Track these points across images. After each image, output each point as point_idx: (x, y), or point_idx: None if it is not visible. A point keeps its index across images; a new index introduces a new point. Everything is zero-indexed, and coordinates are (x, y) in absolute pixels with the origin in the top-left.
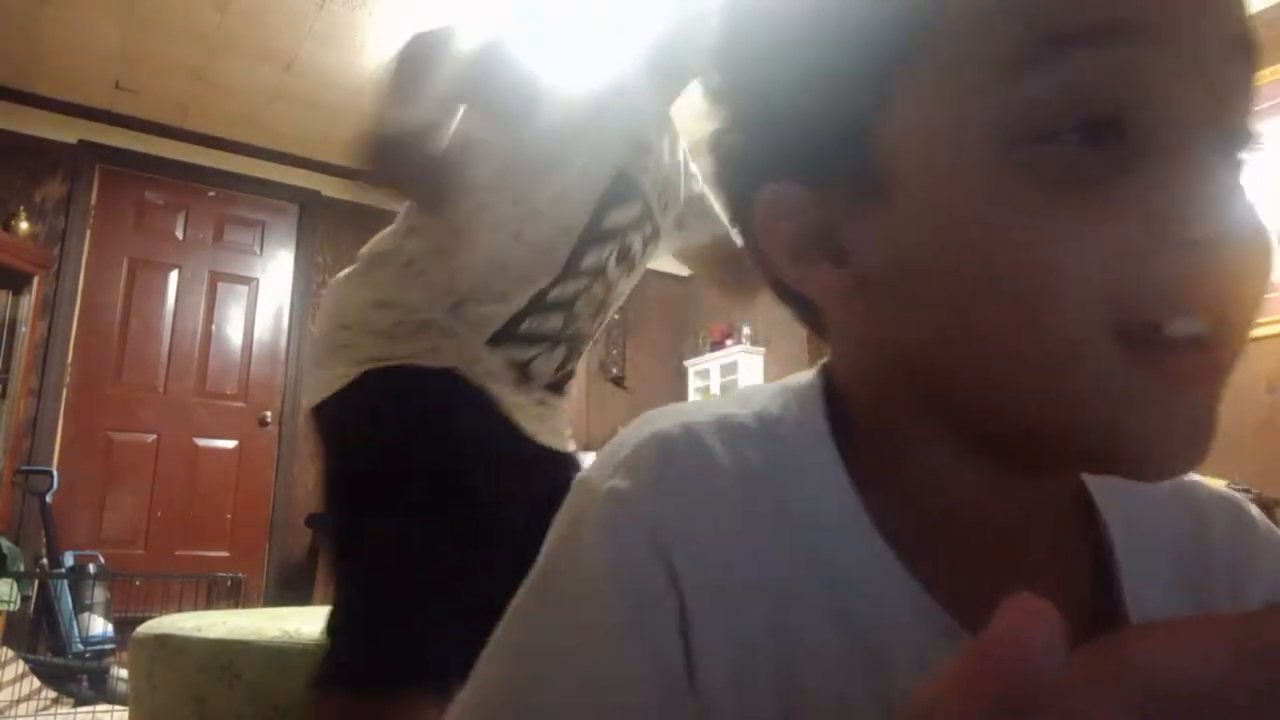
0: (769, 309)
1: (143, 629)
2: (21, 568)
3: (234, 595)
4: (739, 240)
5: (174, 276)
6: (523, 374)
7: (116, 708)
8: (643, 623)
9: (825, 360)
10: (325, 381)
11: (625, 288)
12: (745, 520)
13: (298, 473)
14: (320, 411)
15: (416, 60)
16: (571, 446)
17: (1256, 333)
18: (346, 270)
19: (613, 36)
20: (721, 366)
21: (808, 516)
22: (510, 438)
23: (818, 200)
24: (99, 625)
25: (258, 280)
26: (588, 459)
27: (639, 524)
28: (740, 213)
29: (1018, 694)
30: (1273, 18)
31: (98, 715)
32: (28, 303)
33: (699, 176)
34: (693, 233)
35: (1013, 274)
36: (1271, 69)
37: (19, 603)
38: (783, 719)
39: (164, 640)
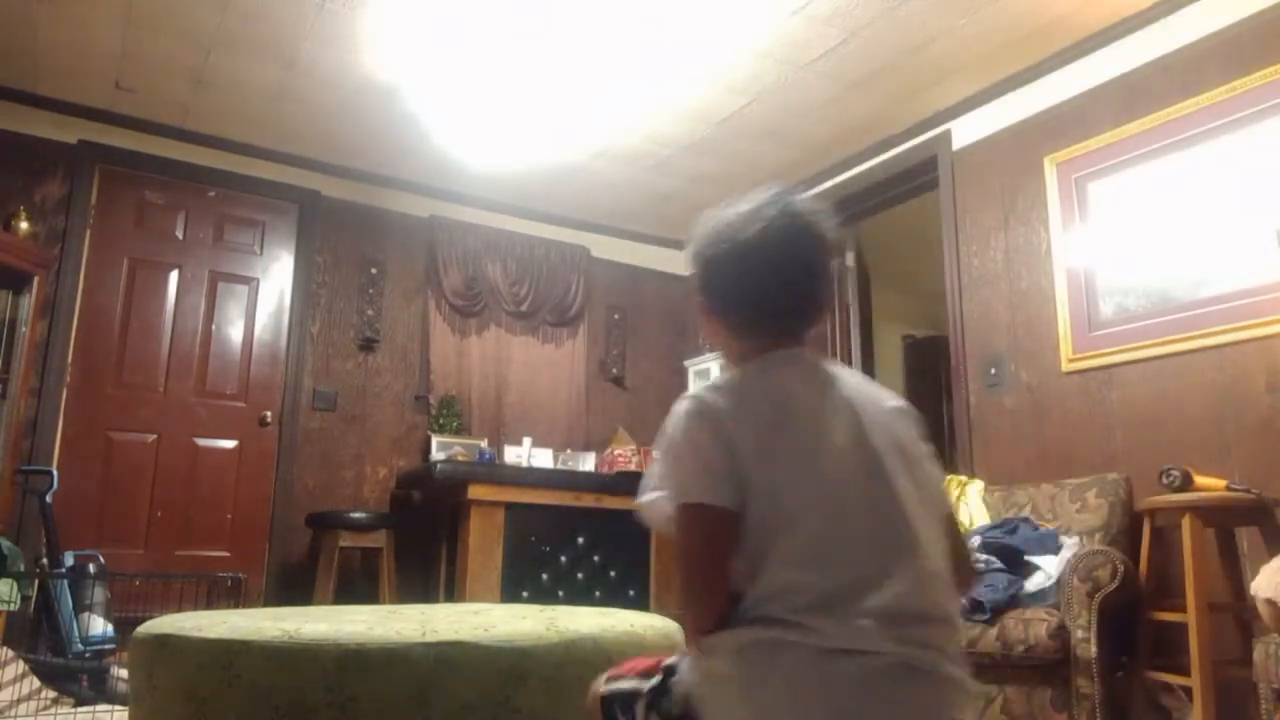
0: None
1: (143, 629)
2: (21, 568)
3: (234, 595)
4: None
5: (174, 276)
6: None
7: (116, 708)
8: None
9: None
10: None
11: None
12: None
13: (298, 473)
14: None
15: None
16: None
17: (1256, 332)
18: None
19: None
20: (721, 366)
21: None
22: None
23: None
24: (99, 625)
25: (258, 280)
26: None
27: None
28: None
29: None
30: (1272, 17)
31: (98, 715)
32: (28, 303)
33: None
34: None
35: None
36: (1272, 69)
37: (19, 603)
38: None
39: (164, 640)
